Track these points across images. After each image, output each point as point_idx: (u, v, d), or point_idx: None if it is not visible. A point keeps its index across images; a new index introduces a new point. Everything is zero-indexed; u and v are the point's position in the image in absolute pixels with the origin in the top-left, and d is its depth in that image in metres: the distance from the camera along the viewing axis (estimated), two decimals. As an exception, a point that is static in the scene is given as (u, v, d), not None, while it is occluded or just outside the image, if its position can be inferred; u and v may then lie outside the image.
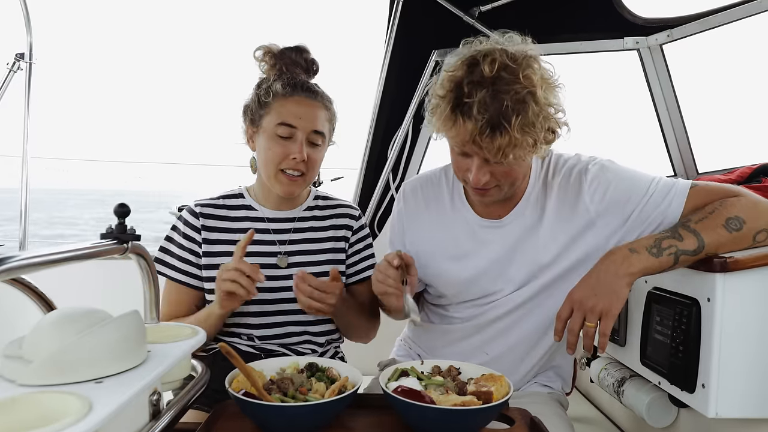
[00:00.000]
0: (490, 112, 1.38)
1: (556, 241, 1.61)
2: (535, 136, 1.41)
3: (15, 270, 0.80)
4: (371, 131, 3.11)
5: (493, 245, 1.66)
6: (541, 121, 1.42)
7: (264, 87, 1.72)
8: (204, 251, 1.75)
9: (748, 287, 1.32)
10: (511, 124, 1.37)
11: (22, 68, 3.12)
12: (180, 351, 1.05)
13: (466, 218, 1.71)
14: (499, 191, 1.56)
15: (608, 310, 1.34)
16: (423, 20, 2.92)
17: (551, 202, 1.63)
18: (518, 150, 1.41)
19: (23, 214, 3.18)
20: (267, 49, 1.77)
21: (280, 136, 1.68)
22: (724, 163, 2.79)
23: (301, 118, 1.68)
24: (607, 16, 2.83)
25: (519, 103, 1.38)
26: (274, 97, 1.70)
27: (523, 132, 1.39)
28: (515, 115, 1.37)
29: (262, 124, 1.72)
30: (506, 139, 1.38)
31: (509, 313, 1.67)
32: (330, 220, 1.87)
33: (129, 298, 1.25)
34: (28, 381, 0.83)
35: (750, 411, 1.34)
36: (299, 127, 1.68)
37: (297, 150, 1.68)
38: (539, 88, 1.41)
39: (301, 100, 1.70)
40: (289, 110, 1.69)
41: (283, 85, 1.70)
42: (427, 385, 1.29)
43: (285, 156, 1.68)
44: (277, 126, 1.68)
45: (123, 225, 1.07)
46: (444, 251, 1.71)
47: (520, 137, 1.39)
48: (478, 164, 1.48)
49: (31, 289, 1.29)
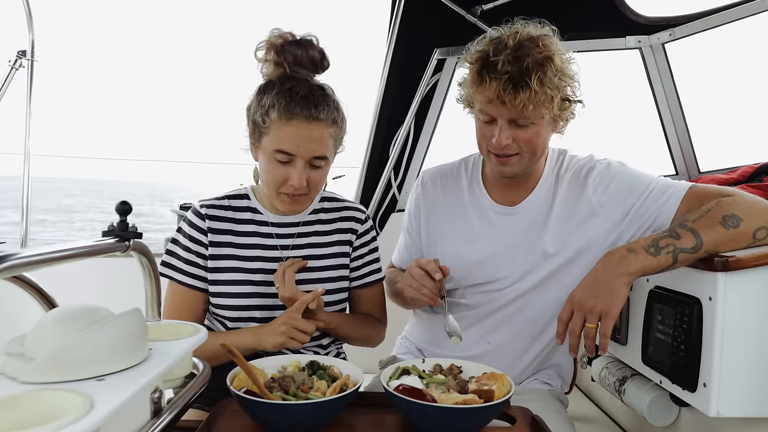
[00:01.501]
0: (512, 70, 1.52)
1: (562, 230, 1.67)
2: (553, 93, 1.54)
3: (17, 267, 0.80)
4: (373, 129, 3.11)
5: (504, 231, 1.73)
6: (557, 82, 1.55)
7: (264, 103, 1.61)
8: (210, 254, 1.72)
9: (750, 286, 1.32)
10: (531, 78, 1.51)
11: (24, 66, 3.13)
12: (181, 349, 1.05)
13: (482, 203, 1.79)
14: (520, 161, 1.64)
15: (608, 311, 1.35)
16: (425, 18, 2.92)
17: (560, 194, 1.70)
18: (539, 105, 1.54)
19: (25, 211, 3.18)
20: (270, 43, 1.63)
21: (278, 160, 1.61)
22: (725, 162, 2.79)
23: (299, 146, 1.58)
24: (610, 14, 2.83)
25: (538, 63, 1.53)
26: (275, 116, 1.58)
27: (542, 85, 1.52)
28: (535, 71, 1.51)
29: (262, 143, 1.64)
30: (527, 93, 1.51)
31: (512, 302, 1.71)
32: (335, 224, 1.84)
33: (130, 296, 1.25)
34: (29, 378, 0.83)
35: (751, 410, 1.34)
36: (298, 155, 1.59)
37: (296, 177, 1.60)
38: (556, 55, 1.56)
39: (300, 125, 1.57)
40: (287, 136, 1.58)
41: (285, 107, 1.57)
42: (428, 384, 1.29)
43: (284, 181, 1.62)
44: (275, 152, 1.60)
45: (124, 223, 1.07)
46: (457, 234, 1.78)
47: (540, 91, 1.52)
48: (502, 126, 1.60)
49: (33, 287, 1.29)
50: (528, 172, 1.71)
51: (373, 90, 3.15)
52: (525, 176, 1.73)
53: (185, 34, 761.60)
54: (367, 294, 1.88)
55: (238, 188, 1.84)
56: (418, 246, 1.89)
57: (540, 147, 1.64)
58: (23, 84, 3.13)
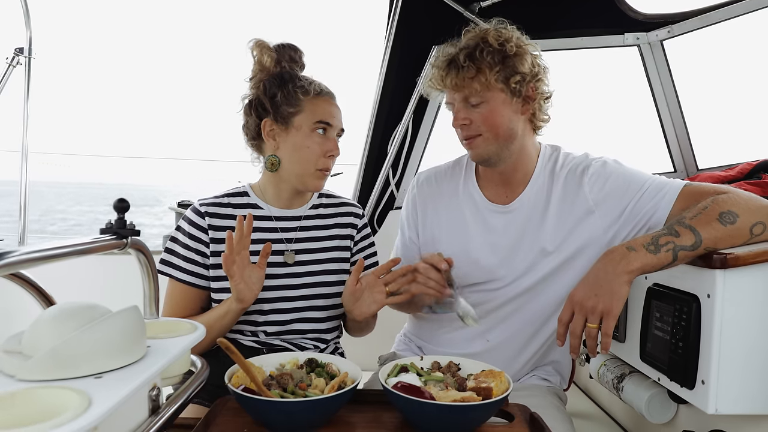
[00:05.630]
0: (462, 54, 1.66)
1: (559, 229, 1.67)
2: (488, 64, 1.64)
3: (14, 265, 0.79)
4: (371, 126, 3.11)
5: (499, 231, 1.73)
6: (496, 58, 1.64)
7: (292, 87, 1.74)
8: (212, 251, 1.74)
9: (748, 283, 1.32)
10: (475, 58, 1.64)
11: (21, 63, 3.12)
12: (179, 346, 1.05)
13: (475, 200, 1.80)
14: (484, 142, 1.69)
15: (609, 310, 1.34)
16: (423, 15, 2.91)
17: (556, 192, 1.70)
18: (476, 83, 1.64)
19: (23, 208, 3.18)
20: (264, 44, 1.78)
21: (318, 132, 1.73)
22: (724, 159, 2.79)
23: (334, 117, 1.76)
24: (608, 11, 2.82)
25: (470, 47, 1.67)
26: (305, 95, 1.73)
27: (474, 65, 1.64)
28: (466, 53, 1.65)
29: (294, 122, 1.73)
30: (471, 71, 1.64)
31: (511, 301, 1.71)
32: (334, 218, 1.89)
33: (128, 294, 1.25)
34: (27, 376, 0.83)
35: (750, 407, 1.34)
36: (333, 126, 1.76)
37: (333, 146, 1.76)
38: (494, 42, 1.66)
39: (329, 101, 1.77)
40: (324, 109, 1.74)
41: (314, 86, 1.75)
42: (426, 381, 1.29)
43: (324, 152, 1.74)
44: (316, 123, 1.73)
45: (122, 220, 1.07)
46: (454, 234, 1.79)
47: (474, 70, 1.64)
48: (458, 108, 1.71)
49: (31, 284, 1.29)
50: (504, 159, 1.72)
51: (371, 87, 3.14)
52: (515, 172, 1.74)
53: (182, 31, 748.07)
54: None
55: (236, 186, 1.87)
56: (416, 246, 1.90)
57: (501, 127, 1.68)
58: (21, 81, 3.12)
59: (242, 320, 1.73)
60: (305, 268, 1.78)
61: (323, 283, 1.80)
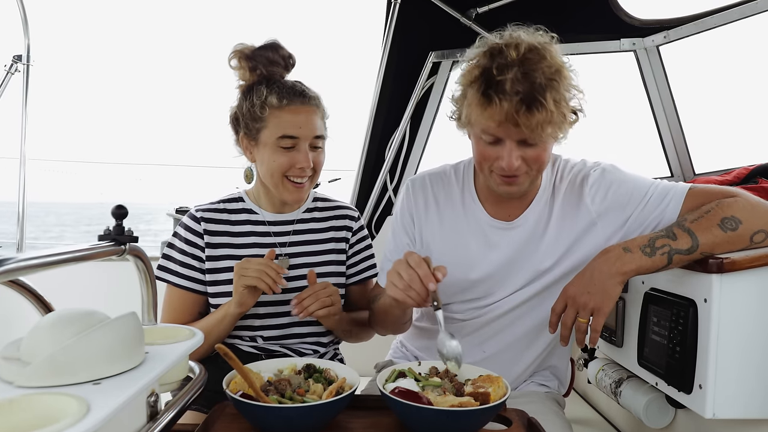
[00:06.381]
0: (524, 89, 1.39)
1: (559, 245, 1.62)
2: (566, 110, 1.45)
3: (13, 272, 0.80)
4: (368, 132, 3.11)
5: (500, 248, 1.66)
6: (568, 98, 1.46)
7: (256, 100, 1.68)
8: (207, 256, 1.75)
9: (745, 288, 1.32)
10: (546, 98, 1.39)
11: (19, 70, 3.13)
12: (178, 352, 1.05)
13: (477, 218, 1.69)
14: (526, 178, 1.54)
15: (599, 308, 1.37)
16: (420, 21, 2.93)
17: (557, 207, 1.64)
18: (554, 125, 1.43)
19: (21, 215, 3.18)
20: (240, 53, 1.71)
21: (283, 147, 1.67)
22: (721, 164, 2.80)
23: (301, 128, 1.67)
24: (604, 17, 2.83)
25: (550, 78, 1.41)
26: (270, 109, 1.66)
27: (557, 105, 1.41)
28: (548, 90, 1.40)
29: (261, 138, 1.69)
30: (543, 114, 1.39)
31: (507, 313, 1.68)
32: (329, 222, 1.88)
33: (127, 300, 1.25)
34: (25, 382, 0.83)
35: (747, 411, 1.34)
36: (301, 137, 1.67)
37: (303, 159, 1.67)
38: (563, 67, 1.46)
39: (297, 109, 1.67)
40: (287, 121, 1.66)
41: (277, 96, 1.67)
42: (424, 386, 1.29)
43: (291, 165, 1.68)
44: (279, 139, 1.66)
45: (120, 227, 1.07)
46: (449, 244, 1.70)
47: (556, 111, 1.40)
48: (511, 148, 1.47)
49: (29, 291, 1.29)
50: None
51: (368, 93, 3.15)
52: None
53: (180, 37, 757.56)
54: (364, 290, 1.91)
55: (232, 192, 1.88)
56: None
57: (546, 162, 1.55)
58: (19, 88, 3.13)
59: (239, 325, 1.73)
60: (300, 272, 1.78)
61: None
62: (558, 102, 1.41)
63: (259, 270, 1.56)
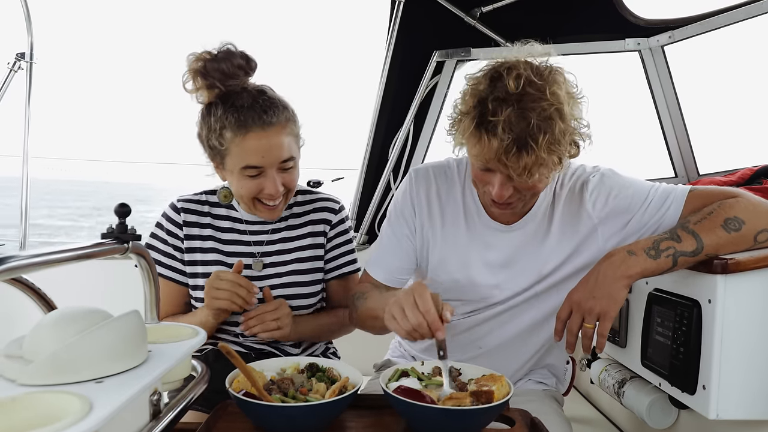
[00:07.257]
0: (516, 131, 1.33)
1: (560, 251, 1.62)
2: (560, 153, 1.39)
3: (16, 270, 0.80)
4: (372, 132, 3.11)
5: (498, 251, 1.65)
6: (567, 138, 1.39)
7: (214, 126, 1.58)
8: (186, 247, 1.76)
9: (749, 289, 1.32)
10: (538, 143, 1.33)
11: (22, 68, 3.13)
12: (180, 351, 1.05)
13: (476, 216, 1.67)
14: (519, 203, 1.53)
15: (606, 313, 1.36)
16: (424, 21, 2.92)
17: (558, 214, 1.63)
18: (544, 168, 1.39)
19: (24, 213, 3.18)
20: (193, 71, 1.59)
21: (249, 176, 1.60)
22: (725, 164, 2.79)
23: (264, 156, 1.58)
24: (609, 17, 2.82)
25: (545, 120, 1.34)
26: (231, 133, 1.57)
27: (550, 151, 1.35)
28: (542, 133, 1.33)
29: (226, 165, 1.63)
30: (532, 158, 1.34)
31: (505, 312, 1.68)
32: (308, 216, 1.84)
33: (129, 298, 1.25)
34: (28, 381, 0.83)
35: (751, 412, 1.34)
36: (266, 165, 1.59)
37: (270, 186, 1.61)
38: (565, 104, 1.37)
39: (258, 136, 1.56)
40: (249, 150, 1.57)
41: (236, 123, 1.56)
42: (427, 385, 1.29)
43: (259, 191, 1.62)
44: (243, 169, 1.59)
45: (123, 225, 1.07)
46: (447, 243, 1.68)
47: (546, 156, 1.36)
48: (501, 181, 1.44)
49: (32, 289, 1.29)
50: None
51: (372, 92, 3.14)
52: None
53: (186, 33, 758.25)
54: (344, 286, 1.87)
55: (218, 185, 1.83)
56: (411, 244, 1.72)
57: (542, 189, 1.52)
58: (22, 86, 3.13)
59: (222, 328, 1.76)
60: (275, 270, 1.77)
61: (294, 283, 1.78)
62: (552, 144, 1.35)
63: (230, 292, 1.58)
